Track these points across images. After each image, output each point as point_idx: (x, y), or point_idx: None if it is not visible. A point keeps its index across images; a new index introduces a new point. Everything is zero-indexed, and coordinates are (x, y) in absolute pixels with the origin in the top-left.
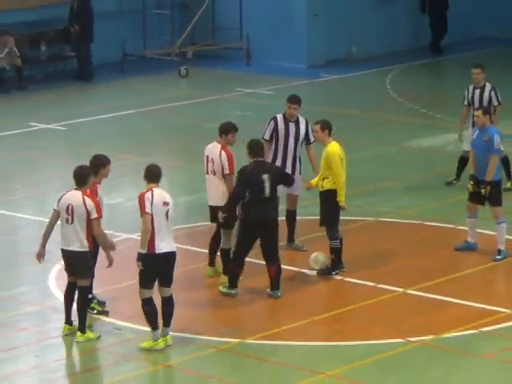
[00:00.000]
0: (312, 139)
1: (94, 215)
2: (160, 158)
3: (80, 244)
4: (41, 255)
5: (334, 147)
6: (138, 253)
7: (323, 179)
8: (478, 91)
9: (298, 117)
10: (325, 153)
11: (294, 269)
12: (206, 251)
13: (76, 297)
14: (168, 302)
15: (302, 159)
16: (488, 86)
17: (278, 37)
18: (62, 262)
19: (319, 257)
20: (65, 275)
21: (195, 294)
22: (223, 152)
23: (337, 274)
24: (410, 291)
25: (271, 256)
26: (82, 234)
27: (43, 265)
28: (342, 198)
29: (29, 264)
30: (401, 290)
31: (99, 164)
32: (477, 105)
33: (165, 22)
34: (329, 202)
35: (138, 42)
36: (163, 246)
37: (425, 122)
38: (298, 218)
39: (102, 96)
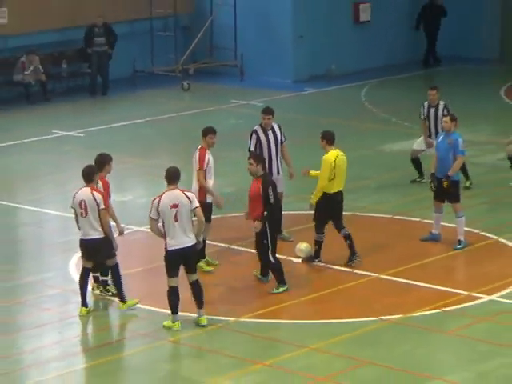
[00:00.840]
0: (284, 140)
1: (102, 206)
2: (164, 160)
3: (97, 232)
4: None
5: (329, 155)
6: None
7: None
8: (432, 109)
9: (272, 125)
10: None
11: (281, 256)
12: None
13: (110, 275)
14: (194, 286)
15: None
16: (441, 104)
17: (268, 55)
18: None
19: (303, 246)
20: (81, 263)
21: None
22: (199, 151)
23: (319, 261)
24: (382, 276)
25: None
26: (96, 223)
27: (65, 254)
28: (314, 199)
29: (53, 253)
30: (374, 275)
31: (103, 161)
32: (432, 121)
33: (170, 42)
34: (320, 203)
35: (147, 60)
36: (173, 243)
37: (395, 129)
38: (284, 212)
39: (114, 107)
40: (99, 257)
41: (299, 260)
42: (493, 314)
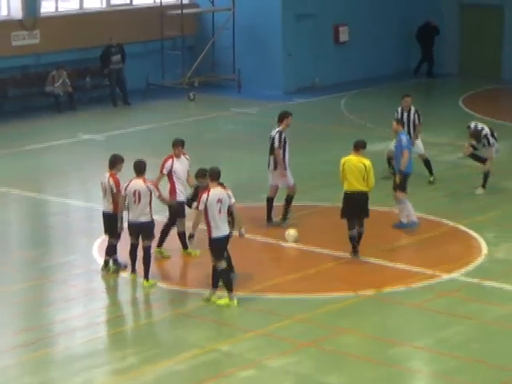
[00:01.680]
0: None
1: (156, 193)
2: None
3: (146, 217)
4: (121, 229)
5: (342, 159)
6: (209, 239)
7: None
8: (405, 113)
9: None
10: None
11: (272, 241)
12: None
13: (143, 254)
14: (226, 271)
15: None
16: (413, 109)
17: (261, 71)
18: (104, 237)
19: (291, 232)
20: (102, 247)
21: (201, 258)
22: (165, 159)
23: (356, 256)
24: (360, 258)
25: None
26: (147, 209)
27: (88, 239)
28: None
29: (78, 238)
30: (351, 256)
31: (115, 161)
32: (405, 124)
33: (178, 60)
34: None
35: (158, 74)
36: (216, 232)
37: (370, 133)
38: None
39: (130, 115)
40: (142, 237)
41: (287, 244)
42: (452, 289)
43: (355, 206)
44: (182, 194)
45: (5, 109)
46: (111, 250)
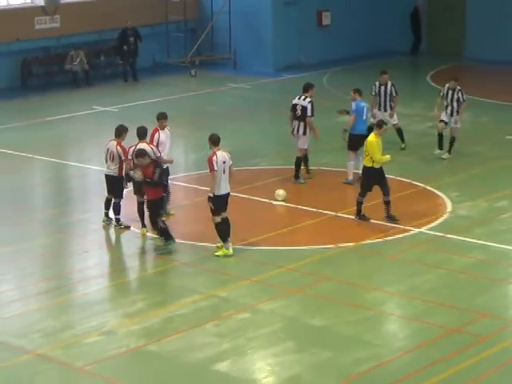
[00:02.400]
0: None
1: (158, 155)
2: (176, 129)
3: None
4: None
5: (371, 139)
6: (209, 196)
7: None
8: (383, 87)
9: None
10: None
11: (264, 200)
12: (205, 188)
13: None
14: (224, 222)
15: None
16: (389, 84)
17: (254, 50)
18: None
19: (281, 192)
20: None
21: (201, 215)
22: (153, 132)
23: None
24: (339, 214)
25: None
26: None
27: (103, 198)
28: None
29: (93, 198)
30: (333, 213)
31: (121, 131)
32: (382, 96)
33: (181, 41)
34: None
35: (164, 54)
36: (219, 190)
37: (349, 105)
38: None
39: (139, 89)
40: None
41: (277, 202)
42: (421, 242)
43: (369, 178)
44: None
45: (29, 84)
46: (116, 209)
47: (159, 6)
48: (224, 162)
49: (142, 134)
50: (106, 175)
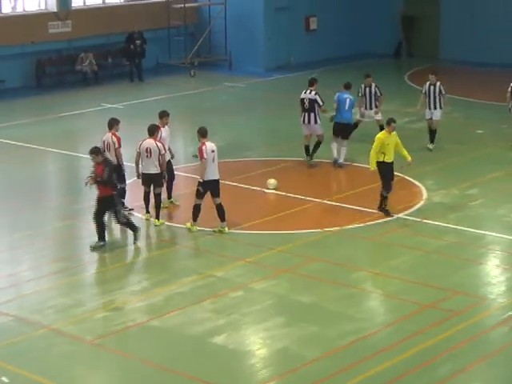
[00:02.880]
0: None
1: (162, 152)
2: (177, 124)
3: (156, 169)
4: (139, 177)
5: (378, 135)
6: (198, 181)
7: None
8: (368, 89)
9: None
10: None
11: (256, 188)
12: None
13: (154, 199)
14: (219, 207)
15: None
16: (373, 85)
17: (248, 52)
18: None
19: (272, 181)
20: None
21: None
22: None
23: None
24: (324, 201)
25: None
26: (156, 163)
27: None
28: (372, 165)
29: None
30: (319, 200)
31: (113, 123)
32: (367, 97)
33: (181, 44)
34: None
35: (166, 56)
36: (209, 176)
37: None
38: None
39: (144, 88)
40: (154, 185)
41: (268, 191)
42: (400, 226)
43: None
44: (167, 156)
45: (43, 83)
46: (121, 193)
47: (162, 12)
48: (213, 151)
49: (151, 130)
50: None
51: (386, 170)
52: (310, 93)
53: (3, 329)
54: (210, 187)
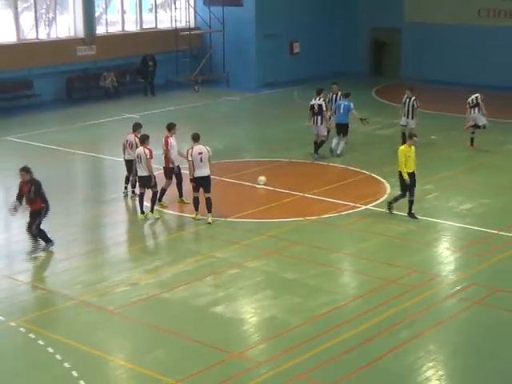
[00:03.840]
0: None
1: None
2: (183, 131)
3: (146, 171)
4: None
5: (401, 147)
6: (190, 178)
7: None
8: (334, 95)
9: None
10: None
11: (247, 183)
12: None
13: (151, 197)
14: (208, 200)
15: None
16: (339, 93)
17: (242, 72)
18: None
19: (262, 178)
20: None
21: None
22: (164, 138)
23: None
24: (306, 195)
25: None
26: (147, 167)
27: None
28: (405, 176)
29: (121, 182)
30: (301, 194)
31: (137, 126)
32: (333, 104)
33: (187, 64)
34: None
35: (174, 74)
36: (197, 173)
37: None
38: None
39: (156, 101)
40: (147, 186)
41: (258, 186)
42: (367, 215)
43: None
44: (174, 163)
45: (72, 97)
46: (132, 183)
47: (171, 39)
48: (200, 153)
49: (141, 139)
50: (126, 160)
51: (409, 179)
52: (319, 100)
53: (40, 301)
54: (199, 183)
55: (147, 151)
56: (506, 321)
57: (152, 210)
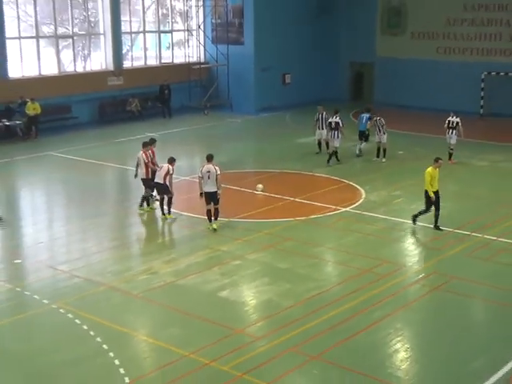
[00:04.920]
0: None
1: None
2: (195, 147)
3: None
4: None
5: (428, 169)
6: (200, 193)
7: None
8: (320, 115)
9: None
10: None
11: (247, 190)
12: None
13: (167, 201)
14: (215, 210)
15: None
16: (324, 113)
17: (243, 98)
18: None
19: (260, 185)
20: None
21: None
22: (151, 151)
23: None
24: (296, 199)
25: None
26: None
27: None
28: (430, 194)
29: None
30: (292, 198)
31: (151, 142)
32: (320, 121)
33: (198, 92)
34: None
35: (187, 100)
36: (205, 189)
37: (302, 132)
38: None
39: (172, 123)
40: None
41: (256, 192)
42: (346, 216)
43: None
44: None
45: (104, 119)
46: (151, 189)
47: (185, 71)
48: (208, 172)
49: (144, 144)
50: (142, 179)
51: (434, 196)
52: (336, 118)
53: (77, 287)
54: (208, 197)
55: (144, 156)
56: (459, 303)
57: (169, 212)
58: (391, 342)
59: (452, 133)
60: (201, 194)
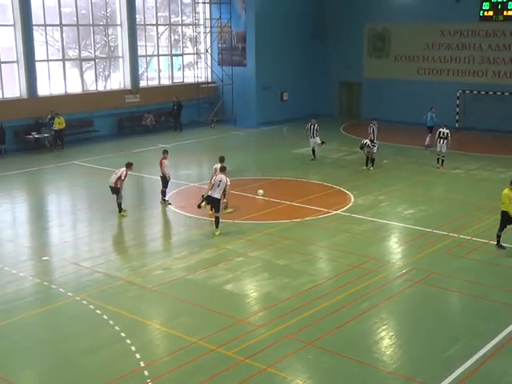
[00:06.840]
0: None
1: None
2: (203, 157)
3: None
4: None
5: (505, 191)
6: (202, 194)
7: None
8: (312, 126)
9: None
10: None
11: (249, 195)
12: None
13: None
14: (216, 218)
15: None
16: (316, 125)
17: (246, 113)
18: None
19: (260, 191)
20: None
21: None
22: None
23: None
24: (292, 203)
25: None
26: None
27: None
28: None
29: (158, 194)
30: (289, 202)
31: (166, 152)
32: (311, 131)
33: (206, 108)
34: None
35: (196, 115)
36: (210, 193)
37: (297, 143)
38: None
39: (183, 135)
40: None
41: (258, 197)
42: (337, 218)
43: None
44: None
45: (122, 132)
46: (163, 193)
47: (194, 89)
48: (220, 181)
49: (222, 169)
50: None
51: (507, 217)
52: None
53: (97, 281)
54: (210, 201)
55: (227, 178)
56: (438, 295)
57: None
58: (377, 330)
59: (443, 142)
60: (202, 195)
